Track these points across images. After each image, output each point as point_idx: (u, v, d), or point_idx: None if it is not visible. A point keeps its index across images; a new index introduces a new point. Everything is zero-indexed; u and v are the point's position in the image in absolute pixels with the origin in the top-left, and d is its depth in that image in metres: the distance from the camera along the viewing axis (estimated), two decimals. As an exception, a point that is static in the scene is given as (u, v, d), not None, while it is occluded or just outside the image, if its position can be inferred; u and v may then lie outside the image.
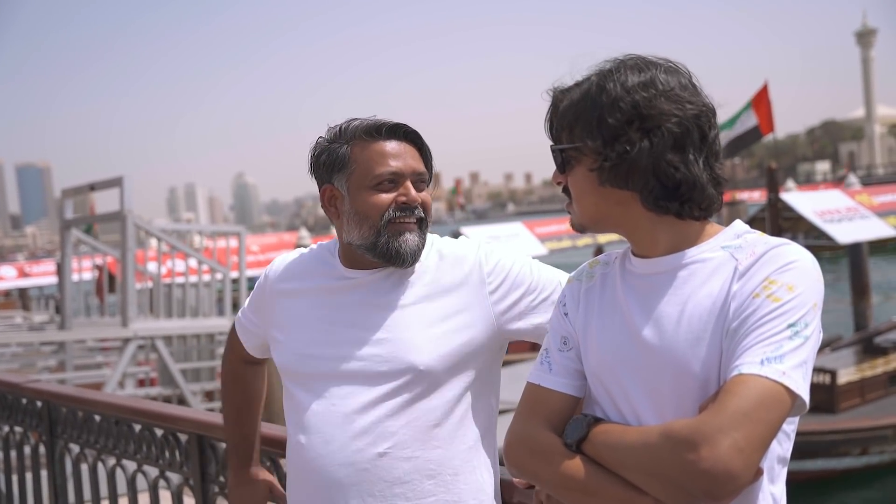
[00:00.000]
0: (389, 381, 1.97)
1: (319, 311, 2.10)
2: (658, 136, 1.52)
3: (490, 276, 2.04)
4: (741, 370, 1.40)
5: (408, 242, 2.00)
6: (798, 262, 1.48)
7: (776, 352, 1.40)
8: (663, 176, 1.53)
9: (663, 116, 1.52)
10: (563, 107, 1.61)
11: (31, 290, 30.98)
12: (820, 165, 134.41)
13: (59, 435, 3.88)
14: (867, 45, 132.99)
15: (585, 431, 1.57)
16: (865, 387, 12.67)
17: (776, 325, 1.42)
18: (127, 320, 11.63)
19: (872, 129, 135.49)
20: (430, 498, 1.95)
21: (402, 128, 2.05)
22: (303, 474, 2.04)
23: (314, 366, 2.05)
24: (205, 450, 3.02)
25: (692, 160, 1.53)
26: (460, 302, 2.03)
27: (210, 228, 15.52)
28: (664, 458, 1.40)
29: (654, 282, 1.59)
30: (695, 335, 1.51)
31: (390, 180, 2.02)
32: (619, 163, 1.53)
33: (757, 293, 1.46)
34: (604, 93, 1.55)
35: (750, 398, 1.37)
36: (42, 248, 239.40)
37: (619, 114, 1.53)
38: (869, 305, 19.53)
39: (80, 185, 13.04)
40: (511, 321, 2.04)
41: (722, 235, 1.59)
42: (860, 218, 15.99)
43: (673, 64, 1.60)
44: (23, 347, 14.40)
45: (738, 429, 1.36)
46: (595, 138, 1.55)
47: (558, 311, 1.79)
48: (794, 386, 1.39)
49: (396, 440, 1.94)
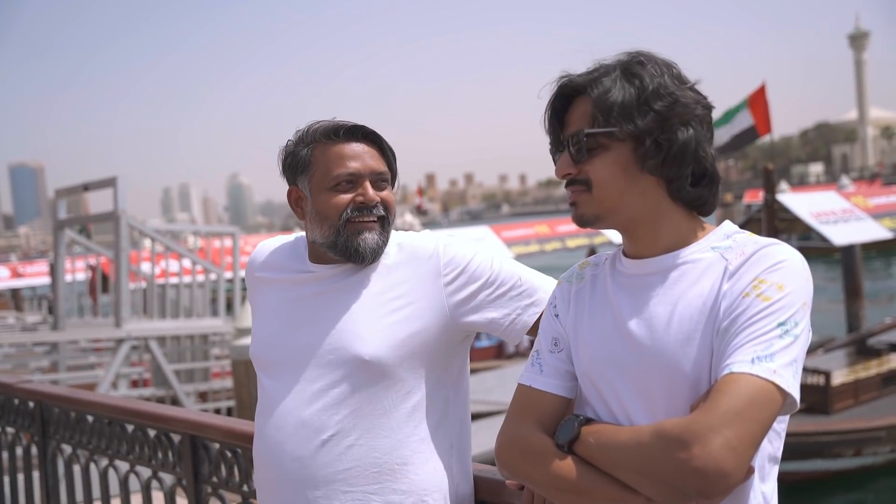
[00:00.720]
0: (336, 370, 2.01)
1: (283, 301, 2.16)
2: (697, 124, 1.58)
3: (447, 268, 2.06)
4: (732, 369, 1.41)
5: (366, 241, 2.06)
6: (787, 261, 1.49)
7: (766, 350, 1.41)
8: (698, 164, 1.58)
9: (697, 107, 1.58)
10: (598, 91, 1.59)
11: (23, 290, 30.92)
12: (813, 167, 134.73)
13: (52, 435, 3.86)
14: (860, 47, 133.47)
15: (577, 432, 1.57)
16: (859, 388, 12.70)
17: (766, 324, 1.43)
18: (120, 321, 11.61)
19: (865, 132, 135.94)
20: (374, 486, 1.97)
21: (360, 129, 2.09)
22: (261, 458, 2.10)
23: (274, 354, 2.12)
24: (197, 450, 3.01)
25: (708, 148, 1.60)
26: (413, 293, 2.05)
27: (204, 229, 15.50)
28: (656, 458, 1.41)
29: (645, 282, 1.60)
30: (685, 335, 1.52)
31: (348, 181, 2.07)
32: (666, 147, 1.56)
33: (747, 293, 1.47)
34: (643, 78, 1.57)
35: (741, 397, 1.38)
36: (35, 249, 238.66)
37: (662, 101, 1.56)
38: (862, 307, 19.58)
39: (73, 186, 13.03)
40: (466, 314, 2.06)
41: (712, 236, 1.61)
42: (855, 220, 16.04)
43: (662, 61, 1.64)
44: (15, 348, 14.39)
45: (730, 427, 1.36)
46: (637, 124, 1.56)
47: (549, 313, 1.80)
48: (784, 384, 1.40)
49: (339, 428, 1.98)
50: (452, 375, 2.13)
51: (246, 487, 2.78)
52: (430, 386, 2.06)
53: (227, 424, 2.91)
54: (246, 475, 2.78)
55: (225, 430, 2.88)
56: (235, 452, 2.83)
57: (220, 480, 2.92)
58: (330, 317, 2.06)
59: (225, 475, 2.89)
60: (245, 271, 2.33)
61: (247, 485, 2.78)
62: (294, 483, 2.00)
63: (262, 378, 2.15)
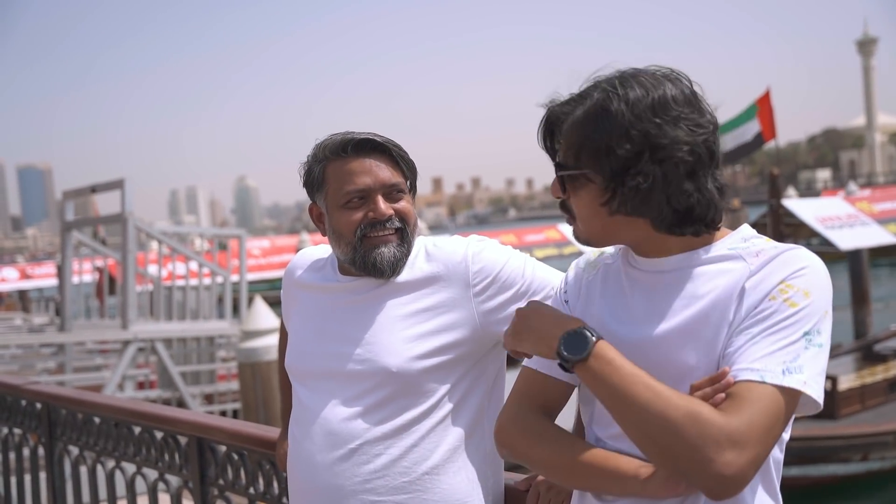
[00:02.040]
0: (365, 381, 2.01)
1: (316, 311, 2.16)
2: (671, 165, 1.48)
3: (476, 278, 2.04)
4: (766, 378, 1.40)
5: (383, 255, 2.04)
6: (811, 267, 1.49)
7: (795, 361, 1.41)
8: (677, 203, 1.50)
9: (675, 146, 1.47)
10: (566, 128, 1.56)
11: (31, 291, 31.00)
12: (821, 173, 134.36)
13: (59, 437, 3.87)
14: (868, 53, 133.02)
15: (591, 349, 1.50)
16: (866, 393, 12.69)
17: (793, 333, 1.43)
18: (127, 322, 11.64)
19: (873, 138, 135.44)
20: (404, 495, 1.96)
21: (369, 143, 2.05)
22: (294, 467, 2.10)
23: (306, 363, 2.12)
24: (204, 452, 3.01)
25: (703, 182, 1.51)
26: (442, 303, 2.04)
27: (211, 231, 15.52)
28: (683, 441, 1.38)
29: (660, 279, 1.59)
30: (697, 331, 1.51)
31: (359, 197, 2.05)
32: (629, 195, 1.50)
33: (773, 295, 1.46)
34: (609, 117, 1.49)
35: (773, 413, 1.39)
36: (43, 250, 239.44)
37: (630, 143, 1.48)
38: (869, 313, 19.54)
39: (81, 188, 13.06)
40: (497, 323, 2.04)
41: (729, 239, 1.59)
42: (861, 225, 16.02)
43: (675, 74, 1.56)
44: (22, 349, 14.43)
45: (762, 443, 1.38)
46: (603, 169, 1.50)
47: (558, 298, 1.78)
48: (814, 394, 1.43)
49: (367, 437, 1.98)
50: (487, 383, 2.10)
51: (252, 490, 2.78)
52: (462, 395, 2.04)
53: (234, 427, 2.92)
54: (252, 478, 2.79)
55: (231, 432, 2.89)
56: (242, 455, 2.84)
57: (226, 483, 2.92)
58: (359, 328, 2.05)
59: (231, 477, 2.89)
60: (284, 278, 2.32)
61: (253, 487, 2.78)
62: (324, 492, 2.00)
63: (296, 387, 2.15)
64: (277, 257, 23.08)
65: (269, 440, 2.68)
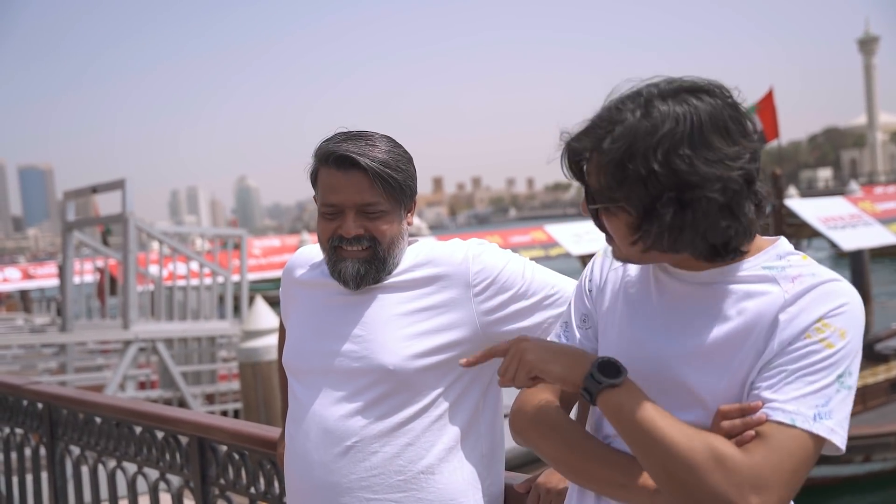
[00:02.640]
0: (361, 379, 2.01)
1: (314, 308, 2.16)
2: (701, 205, 1.39)
3: (476, 278, 2.04)
4: (797, 422, 1.38)
5: (347, 269, 2.05)
6: (850, 304, 1.44)
7: (826, 405, 1.39)
8: (713, 238, 1.44)
9: (707, 183, 1.38)
10: (595, 156, 1.46)
11: (32, 292, 31.00)
12: (822, 172, 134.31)
13: (60, 437, 3.87)
14: (869, 52, 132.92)
15: (619, 380, 1.47)
16: (867, 394, 12.69)
17: (827, 376, 1.39)
18: (128, 323, 11.64)
19: (874, 137, 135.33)
20: (399, 494, 1.97)
21: (347, 159, 2.02)
22: (290, 465, 2.11)
23: (303, 361, 2.12)
24: (205, 452, 3.01)
25: (741, 212, 1.43)
26: (442, 303, 2.04)
27: (211, 231, 15.52)
28: (704, 479, 1.36)
29: (689, 291, 1.54)
30: (720, 354, 1.47)
31: (332, 211, 2.06)
32: (660, 233, 1.43)
33: (809, 334, 1.41)
34: (634, 151, 1.39)
35: (801, 457, 1.37)
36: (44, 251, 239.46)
37: (654, 185, 1.39)
38: (871, 312, 19.53)
39: (82, 188, 13.06)
40: (497, 324, 2.04)
41: (764, 255, 1.51)
42: (863, 225, 16.01)
43: (713, 87, 1.45)
44: (24, 349, 14.43)
45: (786, 488, 1.37)
46: (634, 205, 1.43)
47: (581, 287, 1.75)
48: (839, 442, 1.40)
49: (363, 435, 1.98)
50: (483, 384, 2.10)
51: (253, 490, 2.78)
52: (458, 395, 2.05)
53: (235, 427, 2.92)
54: (253, 477, 2.79)
55: (232, 432, 2.89)
56: (243, 455, 2.84)
57: (227, 482, 2.92)
58: (357, 325, 2.06)
59: (232, 477, 2.89)
60: (283, 276, 2.33)
61: (254, 487, 2.78)
62: (320, 490, 2.00)
63: (293, 384, 2.15)
64: (278, 257, 23.09)
65: (270, 440, 2.68)
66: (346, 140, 2.05)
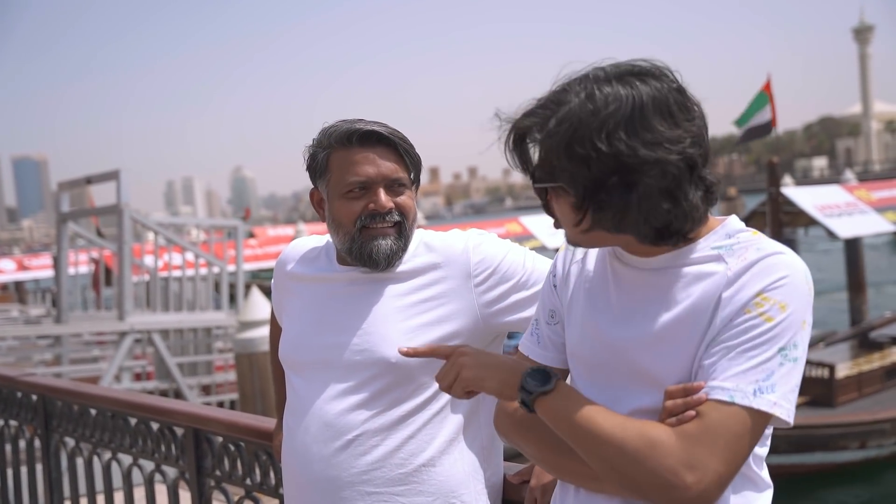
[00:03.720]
0: (362, 372, 2.00)
1: (312, 301, 2.14)
2: (641, 188, 1.40)
3: (477, 268, 2.04)
4: (735, 399, 1.38)
5: (380, 247, 2.02)
6: (791, 276, 1.43)
7: (768, 379, 1.38)
8: (655, 221, 1.44)
9: (646, 166, 1.39)
10: (540, 137, 1.47)
11: (27, 283, 30.97)
12: (817, 161, 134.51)
13: (55, 429, 3.86)
14: (865, 41, 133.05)
15: (550, 387, 1.50)
16: (863, 381, 12.75)
17: (768, 349, 1.39)
18: (123, 314, 11.62)
19: (869, 126, 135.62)
20: (400, 487, 1.96)
21: (374, 134, 2.03)
22: (288, 458, 2.10)
23: (302, 354, 2.11)
24: (200, 444, 3.00)
25: (682, 196, 1.43)
26: (443, 294, 2.03)
27: (207, 222, 15.49)
28: (641, 466, 1.38)
29: (642, 278, 1.55)
30: (672, 337, 1.48)
31: (361, 187, 2.03)
32: (603, 215, 1.45)
33: (748, 309, 1.41)
34: (579, 133, 1.40)
35: (739, 432, 1.37)
36: (39, 242, 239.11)
37: (597, 166, 1.40)
38: (865, 300, 19.59)
39: (76, 179, 13.03)
40: (497, 314, 2.04)
41: (714, 235, 1.52)
42: (859, 213, 16.03)
43: (658, 70, 1.46)
44: (19, 341, 14.39)
45: (724, 465, 1.37)
46: (576, 186, 1.43)
47: (548, 282, 1.77)
48: (783, 415, 1.39)
49: (364, 429, 1.97)
50: None
51: (249, 481, 2.78)
52: None
53: (231, 418, 2.91)
54: (249, 469, 2.78)
55: (228, 423, 2.88)
56: (238, 446, 2.83)
57: (223, 474, 2.91)
58: (357, 318, 2.04)
59: (228, 468, 2.88)
60: (275, 270, 2.30)
61: (249, 478, 2.77)
62: (319, 483, 1.99)
63: (291, 378, 2.14)
64: (273, 247, 23.07)
65: (266, 431, 2.67)
66: (357, 121, 2.05)
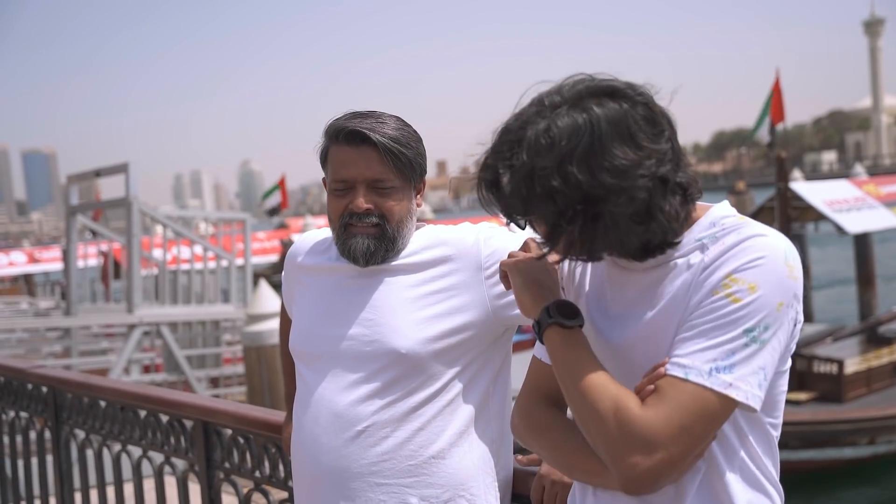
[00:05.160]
0: (373, 363, 2.00)
1: (322, 293, 2.15)
2: (609, 217, 1.39)
3: (488, 261, 2.04)
4: (689, 376, 1.37)
5: (357, 246, 2.04)
6: (766, 257, 1.40)
7: (727, 360, 1.37)
8: (629, 244, 1.44)
9: (611, 195, 1.37)
10: (508, 176, 1.45)
11: (36, 275, 31.03)
12: (826, 155, 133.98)
13: (65, 420, 3.88)
14: (875, 34, 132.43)
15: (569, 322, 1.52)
16: (872, 376, 12.67)
17: (732, 330, 1.38)
18: (132, 306, 11.66)
19: (879, 120, 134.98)
20: (410, 479, 1.96)
21: (358, 135, 2.02)
22: (297, 450, 2.10)
23: (312, 346, 2.11)
24: (210, 436, 3.01)
25: (658, 211, 1.41)
26: (454, 286, 2.03)
27: (215, 215, 15.51)
28: (603, 433, 1.40)
29: (632, 277, 1.56)
30: (662, 332, 1.48)
31: (344, 186, 2.05)
32: (574, 245, 1.46)
33: (717, 290, 1.40)
34: (536, 170, 1.39)
35: (693, 412, 1.36)
36: (48, 235, 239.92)
37: (565, 197, 1.38)
38: (874, 295, 19.51)
39: (85, 172, 13.05)
40: (508, 307, 2.03)
41: (698, 226, 1.50)
42: (868, 208, 15.97)
43: (613, 89, 1.43)
44: (28, 333, 14.46)
45: (677, 443, 1.36)
46: (544, 221, 1.44)
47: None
48: (739, 396, 1.37)
49: (374, 420, 1.97)
50: (494, 369, 2.10)
51: (258, 473, 2.78)
52: (469, 379, 2.04)
53: (240, 411, 2.91)
54: (258, 461, 2.78)
55: (237, 416, 2.88)
56: (247, 438, 2.83)
57: (232, 466, 2.92)
58: (368, 309, 2.04)
59: (237, 461, 2.89)
60: (286, 262, 2.31)
61: (259, 471, 2.78)
62: (329, 475, 2.00)
63: (301, 369, 2.14)
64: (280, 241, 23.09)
65: (275, 424, 2.67)
66: (357, 117, 2.06)
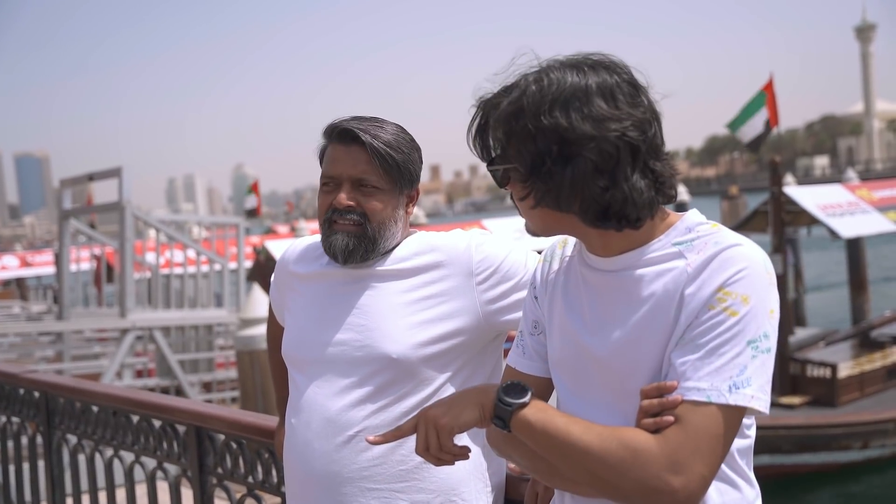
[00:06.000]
0: (363, 368, 2.01)
1: (314, 298, 2.16)
2: (580, 162, 1.44)
3: (479, 267, 2.05)
4: (711, 398, 1.39)
5: (336, 242, 2.07)
6: (749, 267, 1.43)
7: (741, 374, 1.40)
8: (590, 200, 1.46)
9: (583, 141, 1.43)
10: (493, 122, 1.53)
11: (29, 279, 30.96)
12: (819, 160, 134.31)
13: (57, 425, 3.86)
14: (866, 40, 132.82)
15: (526, 399, 1.49)
16: (865, 381, 12.72)
17: (737, 345, 1.40)
18: (125, 311, 11.61)
19: (871, 125, 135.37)
20: (401, 484, 1.97)
21: (350, 134, 2.07)
22: (290, 455, 2.10)
23: (304, 351, 2.12)
24: (202, 441, 3.00)
25: (622, 178, 1.45)
26: (445, 292, 2.04)
27: (208, 219, 15.48)
28: (626, 475, 1.39)
29: (606, 281, 1.56)
30: (641, 340, 1.49)
31: (330, 182, 2.10)
32: (543, 190, 1.48)
33: (712, 305, 1.42)
34: (525, 109, 1.46)
35: (718, 432, 1.39)
36: (41, 238, 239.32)
37: (541, 138, 1.45)
38: (867, 299, 19.57)
39: (78, 176, 13.00)
40: (498, 313, 2.05)
41: (674, 231, 1.53)
42: (861, 212, 16.01)
43: (610, 62, 1.50)
44: (20, 337, 14.42)
45: (706, 465, 1.38)
46: (523, 163, 1.48)
47: (530, 293, 1.78)
48: (761, 407, 1.41)
49: (365, 425, 1.98)
50: (484, 375, 2.11)
51: (251, 478, 2.77)
52: (460, 385, 2.04)
53: (233, 416, 2.91)
54: (251, 466, 2.77)
55: (230, 420, 2.87)
56: (241, 443, 2.82)
57: (224, 471, 2.91)
58: (359, 314, 2.06)
59: (230, 466, 2.88)
60: (276, 267, 2.33)
61: (252, 476, 2.77)
62: (321, 479, 2.00)
63: (293, 374, 2.15)
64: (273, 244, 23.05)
65: (268, 429, 2.66)
66: (356, 119, 2.10)
